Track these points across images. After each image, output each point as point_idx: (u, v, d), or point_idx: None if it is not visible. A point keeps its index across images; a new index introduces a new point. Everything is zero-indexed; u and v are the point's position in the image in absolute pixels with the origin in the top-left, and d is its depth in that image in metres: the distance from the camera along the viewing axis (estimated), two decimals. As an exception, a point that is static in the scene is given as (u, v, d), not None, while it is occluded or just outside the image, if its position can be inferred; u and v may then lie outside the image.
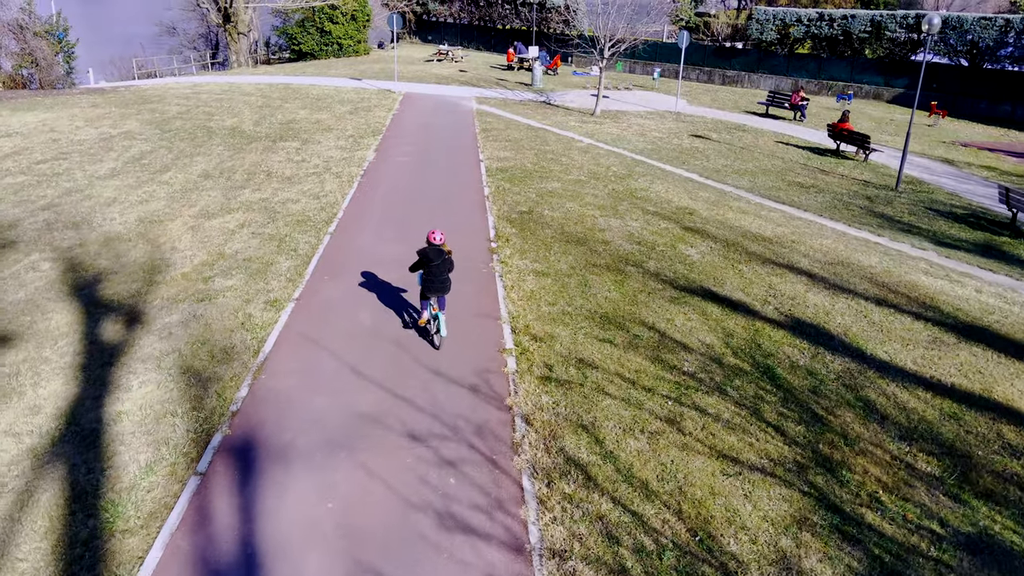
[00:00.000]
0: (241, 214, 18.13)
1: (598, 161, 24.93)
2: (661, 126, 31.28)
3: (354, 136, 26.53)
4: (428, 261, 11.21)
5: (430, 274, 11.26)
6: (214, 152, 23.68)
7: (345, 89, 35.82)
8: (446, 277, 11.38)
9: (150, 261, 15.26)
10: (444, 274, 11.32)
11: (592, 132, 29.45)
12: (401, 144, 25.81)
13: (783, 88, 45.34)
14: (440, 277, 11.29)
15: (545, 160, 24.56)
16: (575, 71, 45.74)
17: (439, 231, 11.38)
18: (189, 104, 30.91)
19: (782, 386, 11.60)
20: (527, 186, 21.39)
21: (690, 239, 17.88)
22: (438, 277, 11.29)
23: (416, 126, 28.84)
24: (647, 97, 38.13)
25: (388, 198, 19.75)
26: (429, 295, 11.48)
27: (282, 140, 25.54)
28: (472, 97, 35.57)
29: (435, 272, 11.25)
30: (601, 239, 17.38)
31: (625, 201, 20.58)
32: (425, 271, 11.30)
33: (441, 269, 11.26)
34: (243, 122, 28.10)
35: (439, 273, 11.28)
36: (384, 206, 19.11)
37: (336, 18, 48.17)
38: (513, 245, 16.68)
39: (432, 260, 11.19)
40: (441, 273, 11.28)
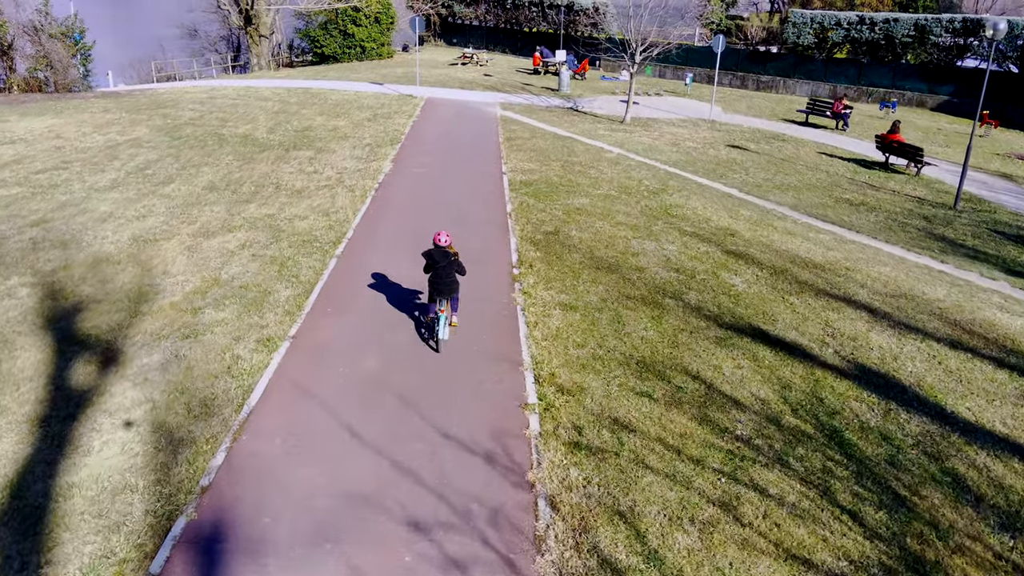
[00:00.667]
0: (243, 232, 16.57)
1: (629, 174, 23.10)
2: (695, 135, 29.35)
3: (371, 145, 24.94)
4: (434, 263, 11.10)
5: (436, 276, 11.15)
6: (223, 162, 22.19)
7: (365, 94, 34.31)
8: (452, 279, 11.23)
9: (138, 288, 13.72)
10: (450, 276, 11.19)
11: (622, 141, 27.62)
12: (420, 154, 24.17)
13: (820, 94, 43.10)
14: (446, 279, 11.14)
15: (572, 172, 22.78)
16: (603, 76, 43.87)
17: (445, 232, 11.24)
18: (203, 109, 29.53)
19: (853, 455, 9.74)
20: (553, 202, 19.63)
21: (733, 265, 16.02)
22: (443, 279, 11.14)
23: (437, 134, 27.19)
24: (679, 103, 36.20)
25: (402, 215, 18.09)
26: (436, 297, 11.30)
27: (295, 149, 24.01)
28: (496, 103, 33.89)
29: (441, 274, 11.11)
30: (635, 265, 15.57)
31: (660, 220, 18.74)
32: (431, 273, 11.22)
33: (447, 271, 11.12)
34: (257, 129, 26.64)
35: (445, 275, 11.13)
36: (397, 224, 17.45)
37: (359, 20, 46.75)
38: (537, 272, 14.93)
39: (437, 262, 11.08)
40: (447, 275, 11.14)
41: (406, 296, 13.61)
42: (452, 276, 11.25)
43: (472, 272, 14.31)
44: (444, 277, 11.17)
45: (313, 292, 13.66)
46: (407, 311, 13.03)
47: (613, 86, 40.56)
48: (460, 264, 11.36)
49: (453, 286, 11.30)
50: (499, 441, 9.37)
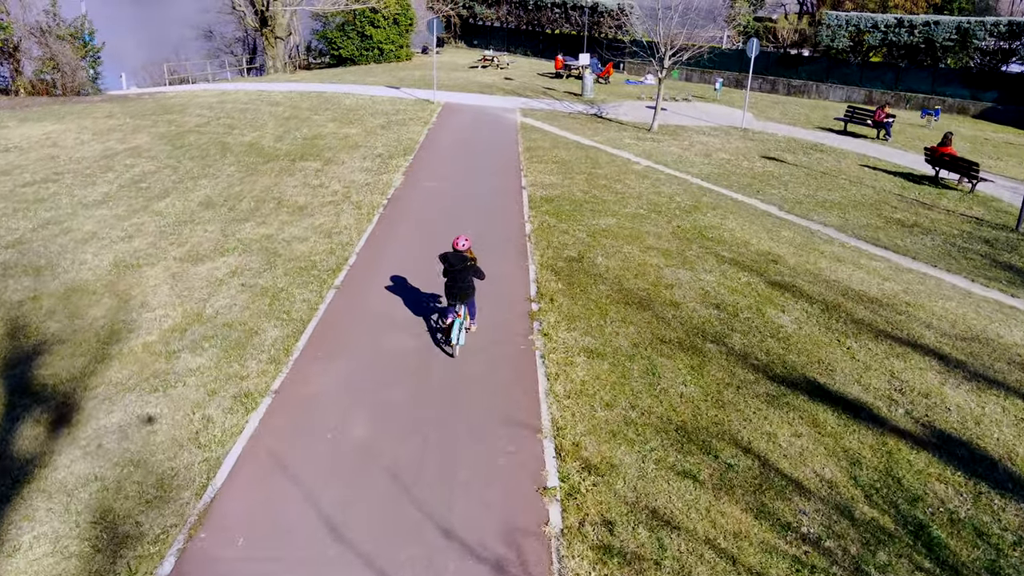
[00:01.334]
0: (236, 257, 14.91)
1: (659, 189, 21.20)
2: (727, 145, 27.36)
3: (383, 155, 23.23)
4: (450, 267, 10.92)
5: (451, 280, 10.98)
6: (223, 174, 20.58)
7: (380, 99, 32.64)
8: (468, 284, 11.00)
9: (110, 324, 12.08)
10: (466, 280, 10.97)
11: (650, 152, 25.71)
12: (434, 165, 22.42)
13: (855, 99, 40.86)
14: (461, 284, 10.94)
15: (597, 187, 20.93)
16: (628, 80, 41.89)
17: (464, 237, 11.07)
18: (211, 115, 28.00)
19: (946, 561, 7.85)
20: (576, 222, 17.80)
21: (779, 299, 14.11)
22: (458, 283, 10.95)
23: (453, 143, 25.44)
24: (708, 110, 34.18)
25: (411, 237, 16.34)
26: (452, 301, 11.09)
27: (302, 159, 22.35)
28: (517, 108, 32.08)
29: (456, 278, 10.94)
30: (669, 299, 13.71)
31: (694, 243, 16.85)
32: (447, 276, 11.03)
33: (463, 275, 10.92)
34: (264, 137, 25.03)
35: (459, 279, 10.93)
36: (404, 249, 15.71)
37: (377, 22, 45.10)
38: (559, 308, 13.11)
39: (453, 266, 10.90)
40: (463, 279, 10.94)
41: (407, 337, 11.86)
42: (468, 281, 10.99)
43: (486, 308, 12.55)
44: (459, 281, 10.93)
45: (305, 332, 11.94)
46: (406, 355, 11.28)
47: (639, 91, 38.60)
48: (478, 269, 11.05)
49: (469, 291, 11.03)
50: (512, 542, 7.58)
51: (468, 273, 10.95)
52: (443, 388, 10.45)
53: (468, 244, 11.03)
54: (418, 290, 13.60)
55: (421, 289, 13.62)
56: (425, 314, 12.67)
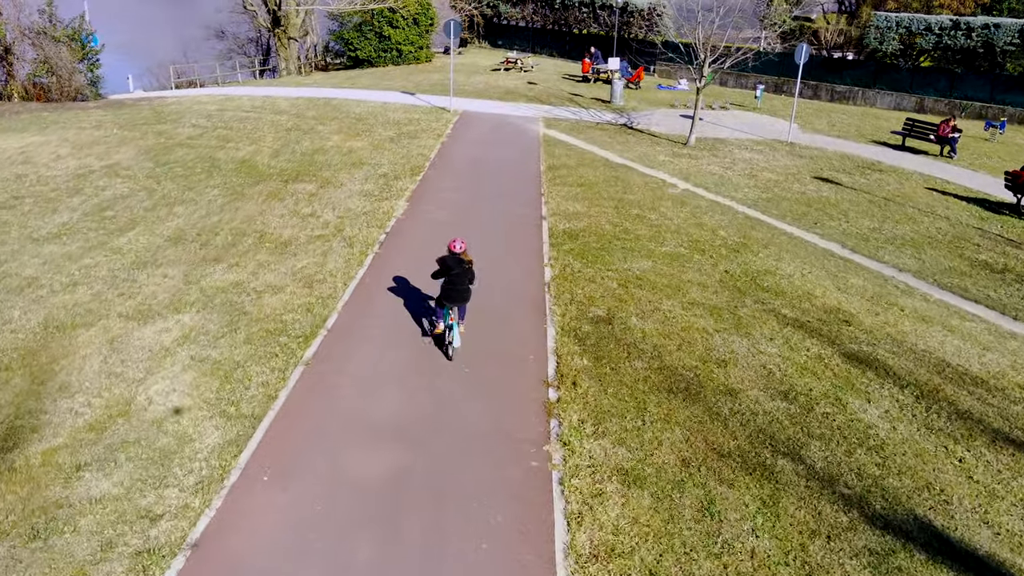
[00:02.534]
0: (193, 314, 12.09)
1: (700, 219, 18.08)
2: (773, 162, 24.09)
3: (387, 176, 20.32)
4: (448, 270, 10.62)
5: (449, 283, 10.66)
6: (205, 198, 17.82)
7: (393, 106, 29.73)
8: (466, 287, 10.75)
9: (11, 420, 9.31)
10: (463, 284, 10.72)
11: (687, 171, 22.54)
12: (443, 189, 19.48)
13: (905, 107, 37.22)
14: (459, 286, 10.67)
15: (629, 217, 17.85)
16: (660, 85, 38.55)
17: (460, 239, 10.88)
18: (207, 125, 25.30)
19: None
20: (605, 265, 14.77)
21: (861, 381, 11.00)
22: (457, 286, 10.66)
23: (467, 160, 22.46)
24: (748, 120, 30.84)
25: (407, 288, 13.41)
26: (447, 303, 10.72)
27: (297, 180, 19.53)
28: (539, 118, 29.01)
29: (454, 281, 10.65)
30: (724, 384, 10.66)
31: (747, 296, 13.75)
32: (444, 280, 10.73)
33: (461, 278, 10.68)
34: (260, 151, 22.25)
35: (458, 282, 10.67)
36: (397, 304, 12.79)
37: (396, 22, 42.16)
38: (584, 397, 10.12)
39: (452, 269, 10.61)
40: (460, 282, 10.67)
41: (385, 452, 8.94)
42: (465, 284, 10.75)
43: (489, 394, 9.61)
44: (457, 285, 10.66)
45: (253, 437, 9.06)
46: (379, 485, 8.36)
47: (672, 97, 35.28)
48: (471, 271, 10.80)
49: (465, 294, 10.80)
50: None
51: (466, 277, 10.69)
52: (423, 547, 7.50)
53: (464, 247, 10.80)
54: (408, 373, 10.68)
55: (411, 373, 10.70)
56: (427, 404, 9.76)
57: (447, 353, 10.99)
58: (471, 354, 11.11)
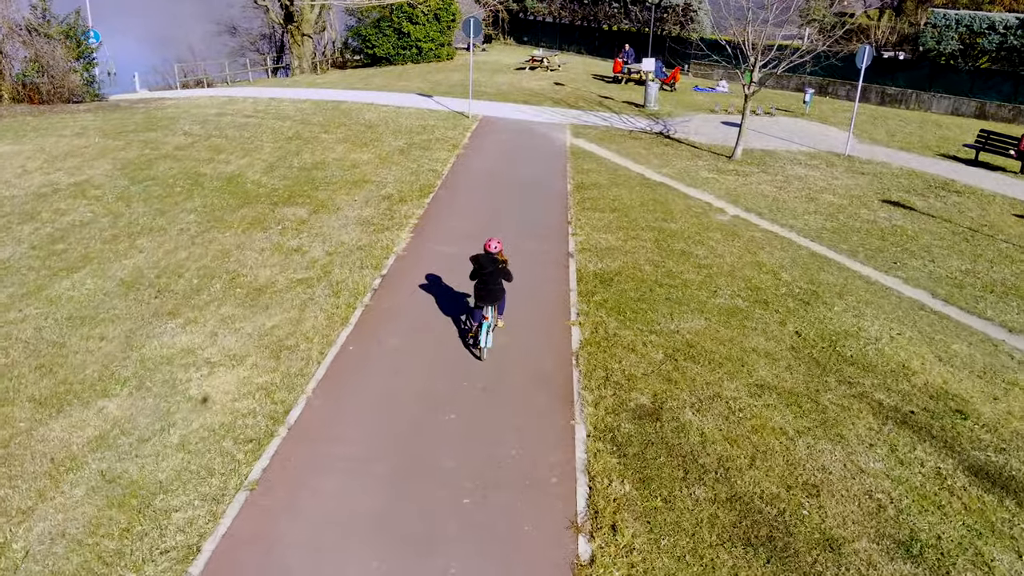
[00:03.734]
0: (121, 401, 9.26)
1: (756, 256, 14.92)
2: (833, 181, 20.76)
3: (392, 197, 17.39)
4: (481, 269, 10.18)
5: (482, 283, 10.25)
6: (176, 226, 15.03)
7: (407, 111, 26.77)
8: (499, 286, 10.28)
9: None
10: (496, 283, 10.23)
11: (736, 192, 19.32)
12: (454, 215, 16.50)
13: (964, 112, 33.50)
14: (491, 286, 10.21)
15: (672, 254, 14.75)
16: (697, 87, 35.13)
17: (496, 239, 10.35)
18: (201, 132, 22.53)
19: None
20: (647, 324, 11.71)
21: (1000, 518, 7.88)
22: (488, 285, 10.21)
23: (483, 178, 19.45)
24: (797, 127, 27.44)
25: (400, 362, 10.46)
26: (480, 304, 10.24)
27: (288, 203, 16.67)
28: (566, 124, 25.89)
29: (487, 280, 10.18)
30: (818, 530, 7.57)
31: (830, 372, 10.63)
32: (478, 279, 10.28)
33: (494, 278, 10.17)
34: (252, 165, 19.43)
35: (491, 282, 10.18)
36: (387, 387, 9.84)
37: (416, 18, 39.14)
38: (628, 555, 7.10)
39: (485, 268, 10.14)
40: (493, 282, 10.21)
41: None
42: (499, 283, 10.26)
43: (497, 551, 6.63)
44: (490, 284, 10.18)
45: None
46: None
47: (712, 101, 31.87)
48: (508, 271, 10.32)
49: (499, 293, 10.30)
50: None
51: (499, 275, 10.25)
52: None
53: (500, 247, 10.35)
54: (386, 523, 7.71)
55: (390, 522, 7.74)
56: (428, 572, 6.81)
57: (478, 355, 10.48)
58: (474, 475, 8.14)
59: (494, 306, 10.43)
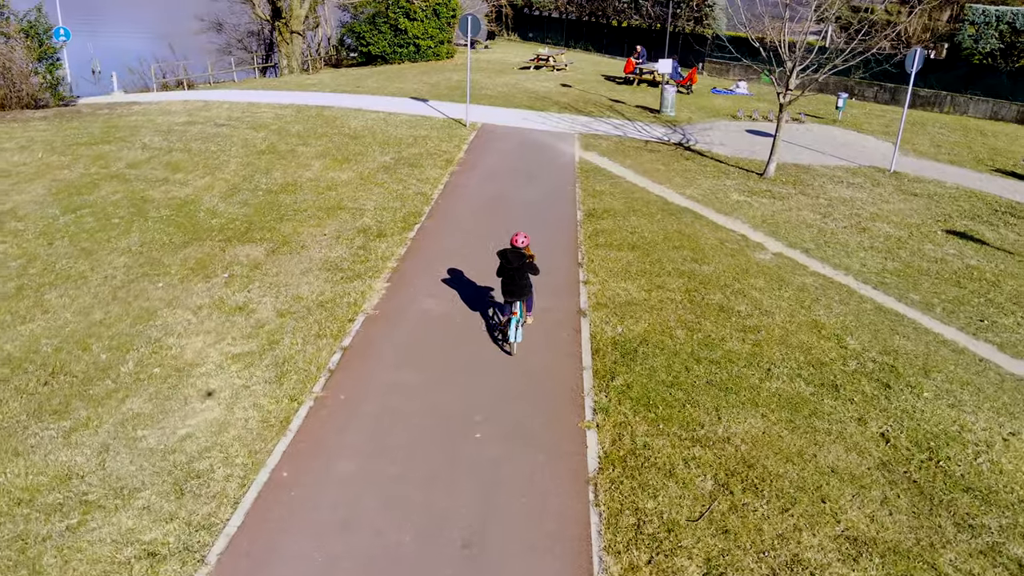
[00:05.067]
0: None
1: (811, 311, 11.79)
2: (883, 204, 17.57)
3: (369, 230, 14.29)
4: (508, 264, 9.86)
5: (508, 278, 9.95)
6: (100, 272, 11.98)
7: (398, 118, 23.60)
8: (526, 281, 9.97)
9: None
10: (523, 278, 9.92)
11: (773, 220, 16.16)
12: (442, 256, 13.37)
13: (1003, 116, 30.13)
14: (520, 281, 9.89)
15: (708, 310, 11.63)
16: (715, 89, 31.79)
17: (523, 234, 9.97)
18: (162, 145, 19.44)
19: None
20: (686, 426, 8.63)
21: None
22: (517, 281, 9.88)
23: (479, 203, 16.31)
24: (830, 137, 24.17)
25: (348, 502, 7.38)
26: (509, 299, 9.99)
27: (244, 239, 13.60)
28: (575, 134, 22.70)
29: (514, 276, 9.87)
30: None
31: (942, 511, 7.54)
32: (504, 275, 9.96)
33: (521, 273, 9.86)
34: (211, 187, 16.34)
35: (518, 277, 9.87)
36: (331, 548, 6.76)
37: (413, 13, 35.87)
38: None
39: (511, 263, 9.83)
40: (521, 277, 9.88)
41: None
42: (526, 278, 9.95)
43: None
44: (517, 279, 9.88)
45: None
46: None
47: (733, 105, 28.51)
48: (534, 265, 9.99)
49: (526, 288, 10.01)
50: None
51: (526, 270, 9.89)
52: None
53: (527, 242, 9.88)
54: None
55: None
56: None
57: (508, 350, 10.14)
58: None
59: (523, 301, 10.06)
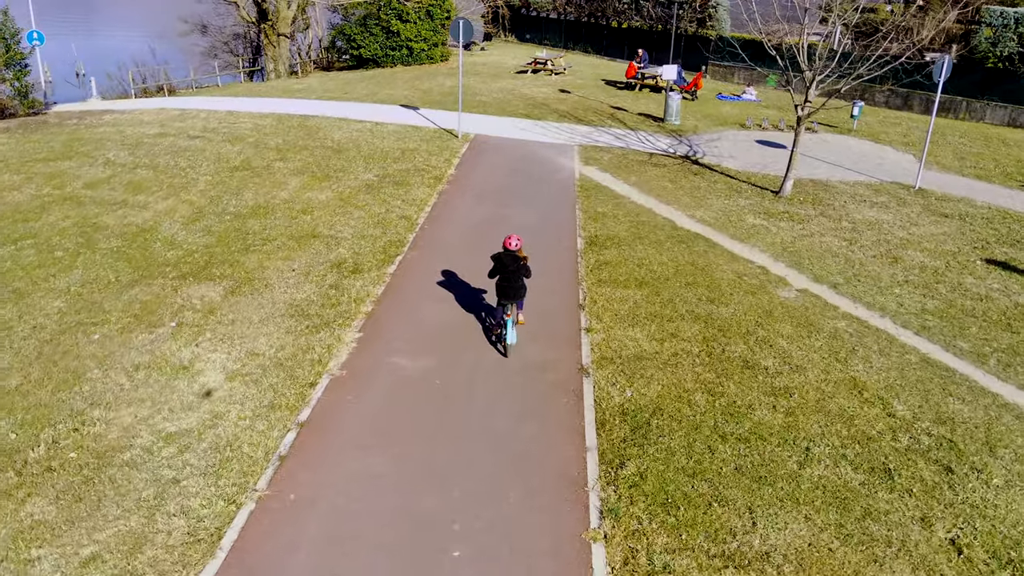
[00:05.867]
0: None
1: (848, 366, 10.05)
2: (912, 228, 15.82)
3: (344, 264, 12.53)
4: (503, 267, 9.69)
5: (504, 280, 9.74)
6: (28, 322, 10.24)
7: (385, 129, 21.83)
8: (520, 284, 9.79)
9: None
10: (518, 280, 9.75)
11: (794, 248, 14.42)
12: (425, 297, 11.61)
13: (1022, 122, 28.41)
14: (514, 284, 9.73)
15: (730, 366, 9.89)
16: (721, 95, 29.95)
17: (516, 236, 9.79)
18: (128, 160, 17.69)
19: None
20: (714, 538, 6.90)
21: None
22: (512, 283, 9.72)
23: (470, 230, 14.55)
24: (846, 148, 22.42)
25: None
26: (503, 301, 9.83)
27: (201, 276, 11.85)
28: (575, 146, 20.95)
29: (510, 279, 9.72)
30: None
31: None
32: (500, 277, 9.75)
33: (515, 275, 9.72)
34: (174, 211, 14.59)
35: (513, 279, 9.71)
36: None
37: (406, 15, 34.06)
38: None
39: (507, 266, 9.68)
40: (516, 279, 9.72)
41: None
42: (520, 281, 9.77)
43: None
44: (512, 282, 9.71)
45: None
46: None
47: (741, 114, 26.67)
48: (527, 268, 9.81)
49: (520, 291, 9.81)
50: None
51: (521, 273, 9.73)
52: None
53: (520, 244, 9.71)
54: None
55: None
56: None
57: (502, 351, 9.92)
58: None
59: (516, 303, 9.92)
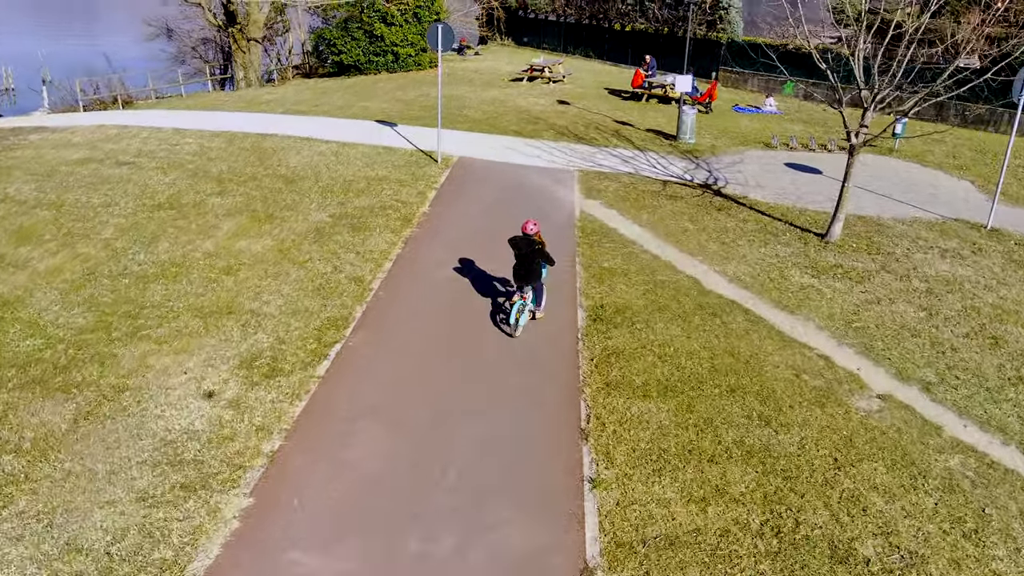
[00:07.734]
0: None
1: (984, 549, 6.47)
2: (1002, 289, 12.19)
3: (259, 360, 8.91)
4: (517, 251, 9.66)
5: (519, 263, 9.68)
6: None
7: (355, 150, 18.19)
8: (534, 267, 9.62)
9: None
10: (532, 263, 9.62)
11: (859, 318, 10.80)
12: (364, 411, 7.98)
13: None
14: (527, 266, 9.62)
15: (808, 552, 6.29)
16: (738, 106, 26.20)
17: (533, 221, 9.69)
18: (31, 196, 14.09)
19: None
20: None
21: None
22: (524, 265, 9.66)
23: (437, 297, 10.92)
24: (892, 171, 18.74)
25: None
26: (519, 283, 9.77)
27: (50, 387, 8.24)
28: (574, 172, 17.32)
29: (523, 261, 9.67)
30: None
31: None
32: (515, 259, 9.71)
33: (529, 258, 9.61)
34: (58, 273, 10.99)
35: (527, 262, 9.64)
36: None
37: (391, 18, 30.39)
38: None
39: (521, 250, 9.63)
40: (529, 262, 9.62)
41: None
42: (534, 264, 9.62)
43: None
44: (525, 264, 9.60)
45: None
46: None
47: (763, 129, 22.92)
48: (546, 254, 9.64)
49: (534, 274, 9.65)
50: None
51: (535, 257, 9.55)
52: None
53: (537, 228, 9.60)
54: None
55: None
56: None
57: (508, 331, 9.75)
58: None
59: (533, 288, 9.71)
